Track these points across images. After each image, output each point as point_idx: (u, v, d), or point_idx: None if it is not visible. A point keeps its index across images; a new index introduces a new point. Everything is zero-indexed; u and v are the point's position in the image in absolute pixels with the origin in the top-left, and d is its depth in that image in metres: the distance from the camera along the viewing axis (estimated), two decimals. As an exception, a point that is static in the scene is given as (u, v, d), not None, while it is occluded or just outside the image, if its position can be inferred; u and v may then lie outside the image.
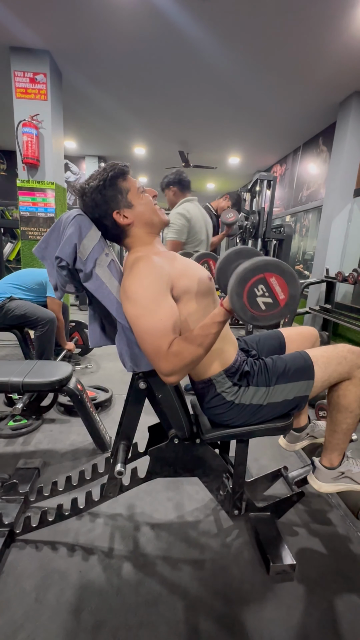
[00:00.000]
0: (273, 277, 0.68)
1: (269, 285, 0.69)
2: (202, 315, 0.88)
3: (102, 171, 0.87)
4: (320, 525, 1.22)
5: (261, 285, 0.69)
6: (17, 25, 2.64)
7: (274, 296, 0.69)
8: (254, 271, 0.68)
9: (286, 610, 0.92)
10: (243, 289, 0.69)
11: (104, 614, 0.89)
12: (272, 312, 0.70)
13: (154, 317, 0.77)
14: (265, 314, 0.70)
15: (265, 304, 0.70)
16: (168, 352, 0.76)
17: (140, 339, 0.80)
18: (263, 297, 0.69)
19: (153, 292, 0.79)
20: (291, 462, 1.56)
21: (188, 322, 0.87)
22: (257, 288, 0.69)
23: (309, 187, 4.62)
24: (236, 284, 0.69)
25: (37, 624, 0.85)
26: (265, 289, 0.69)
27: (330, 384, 0.97)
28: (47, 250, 0.91)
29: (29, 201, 3.24)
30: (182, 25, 2.51)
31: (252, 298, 0.69)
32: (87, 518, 1.19)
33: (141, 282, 0.79)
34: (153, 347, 0.77)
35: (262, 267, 0.68)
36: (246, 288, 0.69)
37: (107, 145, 5.64)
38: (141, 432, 1.05)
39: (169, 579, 0.99)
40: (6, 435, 1.64)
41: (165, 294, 0.80)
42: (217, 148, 5.35)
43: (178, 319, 0.81)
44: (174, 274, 0.83)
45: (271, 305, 0.70)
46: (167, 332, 0.77)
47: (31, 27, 2.66)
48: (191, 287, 0.86)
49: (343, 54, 2.75)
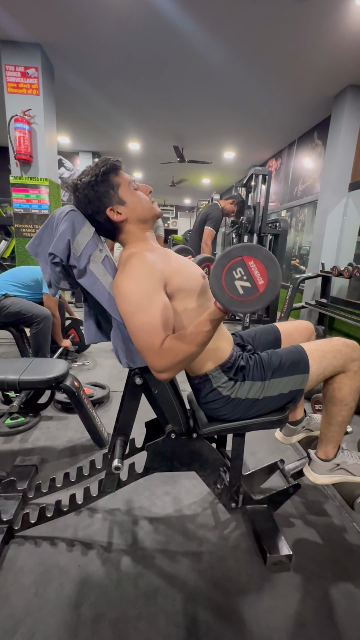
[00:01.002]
0: (252, 260, 0.67)
1: (248, 269, 0.67)
2: (196, 314, 0.88)
3: (94, 167, 0.86)
4: (316, 517, 1.24)
5: (239, 268, 0.67)
6: (7, 18, 2.59)
7: (252, 280, 0.67)
8: (232, 253, 0.67)
9: (283, 599, 0.94)
10: (221, 270, 0.67)
11: (103, 607, 0.90)
12: (251, 298, 0.68)
13: (147, 313, 0.77)
14: (243, 299, 0.68)
15: (244, 288, 0.68)
16: (161, 349, 0.76)
17: (133, 335, 0.80)
18: (241, 281, 0.67)
19: (146, 289, 0.78)
20: (287, 455, 1.58)
21: (182, 319, 0.87)
22: (236, 271, 0.67)
23: (304, 181, 4.62)
24: (215, 266, 0.68)
25: (37, 618, 0.86)
26: (243, 271, 0.67)
27: (326, 377, 0.98)
28: (41, 247, 0.90)
29: (23, 198, 3.20)
30: (175, 19, 2.48)
31: (230, 281, 0.67)
32: (85, 513, 1.19)
33: (134, 278, 0.79)
34: (145, 343, 0.77)
35: (241, 250, 0.67)
36: (224, 270, 0.67)
37: (101, 140, 5.58)
38: (138, 428, 1.06)
39: (168, 572, 1.01)
40: (4, 433, 1.64)
41: (158, 290, 0.80)
42: (212, 143, 5.32)
43: (171, 316, 0.81)
44: (167, 271, 0.83)
45: (250, 290, 0.68)
46: (159, 329, 0.77)
47: (21, 20, 2.62)
48: (185, 285, 0.86)
49: (337, 47, 2.73)
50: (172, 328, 0.81)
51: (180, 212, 13.24)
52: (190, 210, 13.19)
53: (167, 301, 0.81)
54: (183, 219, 13.30)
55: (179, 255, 0.96)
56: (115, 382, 2.21)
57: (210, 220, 2.89)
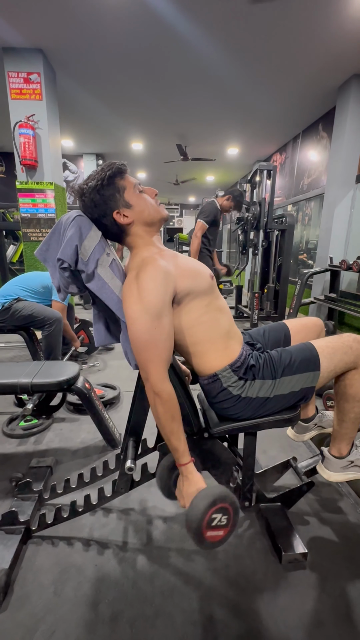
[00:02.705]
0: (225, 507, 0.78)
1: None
2: (203, 313, 0.88)
3: (100, 171, 0.87)
4: (331, 514, 1.23)
5: (218, 515, 0.78)
6: (8, 26, 2.62)
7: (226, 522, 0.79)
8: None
9: (300, 598, 0.94)
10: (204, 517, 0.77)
11: (121, 605, 0.91)
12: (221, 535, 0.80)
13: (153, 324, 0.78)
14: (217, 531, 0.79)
15: (219, 526, 0.79)
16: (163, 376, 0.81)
17: (134, 343, 0.81)
18: (219, 523, 0.79)
19: (159, 302, 0.80)
20: (300, 453, 1.57)
21: (190, 319, 0.87)
22: (216, 516, 0.77)
23: (310, 175, 4.55)
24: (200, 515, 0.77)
25: (57, 617, 0.88)
26: (221, 517, 0.78)
27: (337, 374, 0.97)
28: (49, 253, 0.92)
29: (29, 202, 3.25)
30: (174, 19, 2.47)
31: (209, 525, 0.78)
32: (100, 513, 1.21)
33: (148, 287, 0.80)
34: (146, 355, 0.80)
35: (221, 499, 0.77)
36: (207, 518, 0.77)
37: (104, 142, 5.61)
38: (150, 428, 1.07)
39: (183, 570, 1.01)
40: (18, 435, 1.68)
41: (168, 308, 0.82)
42: (215, 140, 5.29)
43: (172, 337, 0.84)
44: (177, 276, 0.84)
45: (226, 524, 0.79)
46: (161, 345, 0.80)
47: (22, 27, 2.64)
48: (194, 287, 0.87)
49: (340, 37, 2.68)
50: (170, 350, 0.84)
51: (185, 211, 13.21)
52: (195, 208, 13.15)
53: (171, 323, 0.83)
54: (188, 217, 13.27)
55: (185, 256, 0.96)
56: (125, 382, 2.22)
57: (203, 213, 2.92)
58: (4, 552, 1.00)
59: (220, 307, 0.94)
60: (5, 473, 1.39)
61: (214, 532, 0.78)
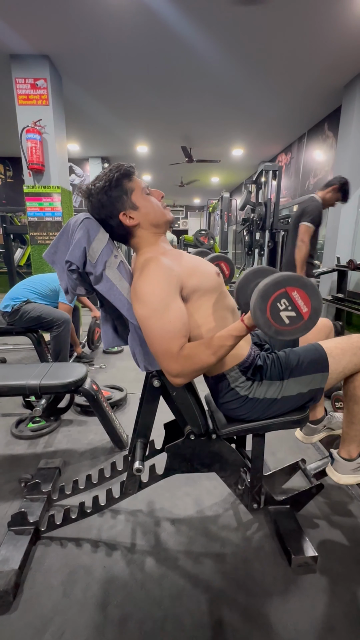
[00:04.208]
0: (295, 290, 0.70)
1: (292, 299, 0.70)
2: (212, 312, 0.88)
3: (108, 172, 0.87)
4: (341, 517, 1.21)
5: (284, 300, 0.70)
6: (16, 33, 2.67)
7: (297, 309, 0.71)
8: (277, 286, 0.69)
9: (310, 602, 0.93)
10: (266, 304, 0.70)
11: (129, 607, 0.91)
12: (296, 326, 0.72)
13: (164, 319, 0.78)
14: (289, 328, 0.72)
15: (289, 318, 0.71)
16: (179, 355, 0.78)
17: (149, 340, 0.81)
18: (286, 311, 0.71)
19: (163, 294, 0.79)
20: (309, 455, 1.55)
21: (198, 319, 0.87)
22: (280, 302, 0.70)
23: (315, 174, 4.52)
24: (259, 300, 0.70)
25: (66, 618, 0.88)
26: (288, 302, 0.70)
27: (346, 375, 0.96)
28: (57, 255, 0.92)
29: (36, 206, 3.28)
30: (177, 22, 2.49)
31: (275, 313, 0.70)
32: (108, 515, 1.21)
33: (151, 283, 0.80)
34: (162, 348, 0.79)
35: (284, 282, 0.69)
36: (269, 303, 0.70)
37: (109, 145, 5.66)
38: (157, 430, 1.07)
39: (192, 573, 1.01)
40: (27, 436, 1.69)
41: (174, 296, 0.81)
42: (220, 141, 5.29)
43: (187, 321, 0.82)
44: (183, 274, 0.84)
45: (295, 319, 0.71)
46: (176, 334, 0.78)
47: (29, 34, 2.69)
48: (200, 285, 0.86)
49: (345, 36, 2.66)
50: (188, 333, 0.82)
51: (190, 212, 13.23)
52: (200, 210, 13.16)
53: (182, 307, 0.82)
54: (193, 219, 13.28)
55: (191, 255, 0.96)
56: (132, 383, 2.23)
57: (307, 214, 2.34)
58: (14, 552, 1.01)
59: (228, 306, 0.93)
60: (14, 474, 1.40)
61: (288, 314, 0.71)
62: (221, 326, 0.90)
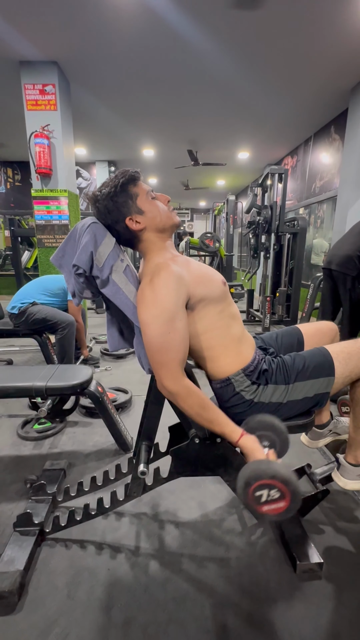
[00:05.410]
0: (268, 483, 0.73)
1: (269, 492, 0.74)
2: (216, 320, 0.88)
3: (114, 178, 0.89)
4: (347, 523, 1.20)
5: (265, 490, 0.74)
6: (25, 40, 2.72)
7: (278, 496, 0.74)
8: (247, 486, 0.74)
9: (315, 608, 0.92)
10: (247, 497, 0.75)
11: (133, 610, 0.91)
12: (281, 508, 0.75)
13: (164, 328, 0.79)
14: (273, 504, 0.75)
15: (272, 500, 0.75)
16: (176, 374, 0.80)
17: (146, 345, 0.82)
18: (269, 497, 0.75)
19: (170, 305, 0.80)
20: (314, 460, 1.54)
21: (202, 326, 0.88)
22: (261, 493, 0.74)
23: (322, 177, 4.51)
24: (241, 494, 0.76)
25: (70, 620, 0.88)
26: (268, 492, 0.74)
27: (352, 379, 0.96)
28: (64, 259, 0.94)
29: (44, 210, 3.33)
30: (184, 27, 2.51)
31: (258, 502, 0.75)
32: (113, 517, 1.21)
33: (161, 292, 0.80)
34: (156, 356, 0.80)
35: (254, 478, 0.73)
36: (250, 497, 0.75)
37: (116, 149, 5.71)
38: (162, 433, 1.07)
39: (196, 577, 1.00)
40: (32, 438, 1.70)
41: (180, 310, 0.82)
42: (226, 144, 5.31)
43: (187, 339, 0.84)
44: (191, 282, 0.84)
45: (279, 499, 0.75)
46: (173, 348, 0.80)
47: (38, 41, 2.74)
48: (207, 294, 0.87)
49: (352, 38, 2.66)
50: (186, 351, 0.84)
51: (196, 215, 13.27)
52: (205, 213, 13.19)
53: (185, 325, 0.83)
54: (199, 222, 13.31)
55: (198, 262, 0.96)
56: (137, 386, 2.23)
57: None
58: (19, 553, 1.02)
59: (232, 314, 0.94)
60: (20, 475, 1.42)
61: (271, 506, 0.75)
62: (223, 334, 0.90)
